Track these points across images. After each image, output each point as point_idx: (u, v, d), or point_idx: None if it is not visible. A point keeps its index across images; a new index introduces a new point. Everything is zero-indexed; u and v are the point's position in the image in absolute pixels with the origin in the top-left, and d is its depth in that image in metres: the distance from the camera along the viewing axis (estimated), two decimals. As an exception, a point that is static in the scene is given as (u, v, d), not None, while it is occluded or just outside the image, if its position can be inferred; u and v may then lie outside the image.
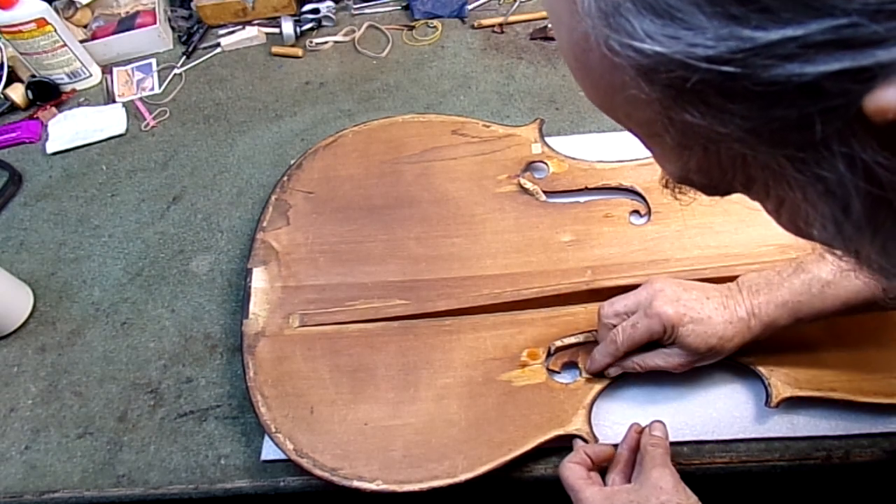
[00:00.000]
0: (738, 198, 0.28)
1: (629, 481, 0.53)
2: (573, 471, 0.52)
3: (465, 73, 0.91)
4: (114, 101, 0.96)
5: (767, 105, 0.20)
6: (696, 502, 0.48)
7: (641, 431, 0.56)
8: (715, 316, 0.53)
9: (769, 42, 0.18)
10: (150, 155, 0.89)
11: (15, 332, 0.73)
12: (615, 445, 0.56)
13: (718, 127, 0.22)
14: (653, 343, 0.56)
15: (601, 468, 0.55)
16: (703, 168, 0.26)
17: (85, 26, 1.03)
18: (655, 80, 0.22)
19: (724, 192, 0.28)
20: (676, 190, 0.32)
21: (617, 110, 0.26)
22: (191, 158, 0.87)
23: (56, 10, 0.95)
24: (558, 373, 0.61)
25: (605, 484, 0.53)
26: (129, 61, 1.01)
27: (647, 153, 0.29)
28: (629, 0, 0.20)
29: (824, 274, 0.51)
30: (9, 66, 0.98)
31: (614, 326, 0.56)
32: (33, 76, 0.96)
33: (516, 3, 0.98)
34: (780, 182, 0.23)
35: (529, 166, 0.74)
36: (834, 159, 0.20)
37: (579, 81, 0.27)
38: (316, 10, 1.00)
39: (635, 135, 0.28)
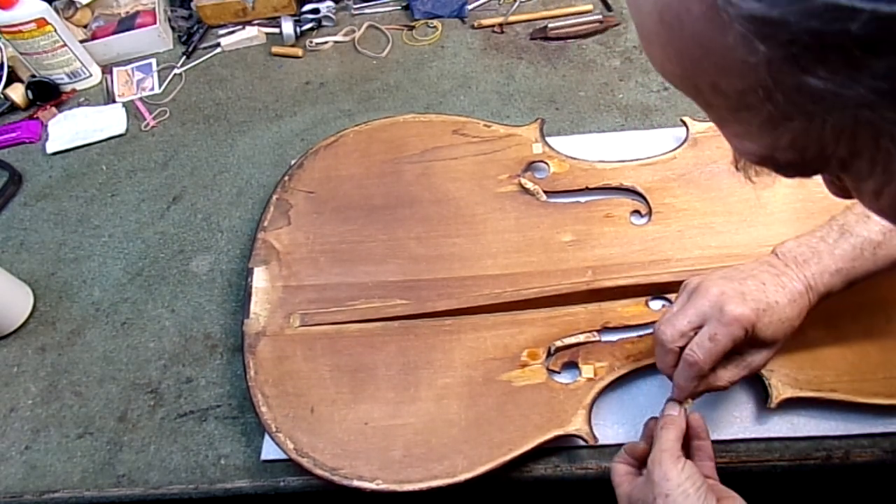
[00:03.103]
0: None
1: None
2: (615, 470, 0.51)
3: (465, 73, 0.91)
4: (114, 101, 0.96)
5: None
6: (698, 486, 0.46)
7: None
8: (780, 300, 0.49)
9: None
10: (150, 155, 0.89)
11: (15, 332, 0.73)
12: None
13: (844, 90, 0.19)
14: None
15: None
16: (799, 144, 0.23)
17: (85, 26, 1.03)
18: (776, 37, 0.19)
19: (813, 172, 0.25)
20: (753, 171, 0.29)
21: (700, 80, 0.23)
22: (191, 158, 0.87)
23: (56, 10, 0.95)
24: (558, 373, 0.61)
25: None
26: (129, 61, 1.01)
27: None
28: None
29: (874, 235, 0.49)
30: (9, 66, 0.98)
31: (681, 348, 0.50)
32: (33, 76, 0.96)
33: (516, 3, 0.98)
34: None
35: (530, 166, 0.74)
36: None
37: (657, 49, 0.24)
38: (316, 10, 1.00)
39: (713, 110, 0.25)
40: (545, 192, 0.71)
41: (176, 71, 0.99)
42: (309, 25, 1.00)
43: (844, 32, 0.18)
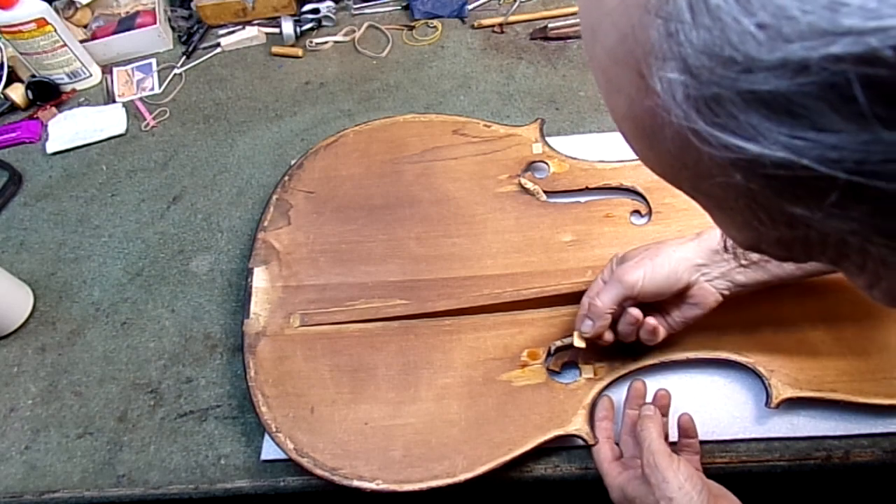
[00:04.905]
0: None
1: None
2: (600, 453, 0.54)
3: (465, 73, 0.91)
4: (114, 101, 0.96)
5: None
6: (699, 489, 0.46)
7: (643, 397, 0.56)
8: (672, 243, 0.54)
9: None
10: (150, 155, 0.89)
11: (15, 332, 0.73)
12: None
13: (829, 221, 0.19)
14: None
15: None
16: (784, 243, 0.23)
17: (85, 26, 1.03)
18: (755, 172, 0.18)
19: (803, 262, 0.25)
20: (741, 254, 0.28)
21: (681, 183, 0.23)
22: (191, 158, 0.87)
23: (56, 10, 0.95)
24: (558, 373, 0.61)
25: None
26: (129, 61, 1.01)
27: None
28: (734, 92, 0.17)
29: None
30: (9, 66, 0.98)
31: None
32: (33, 76, 0.96)
33: (516, 3, 0.98)
34: (885, 266, 0.21)
35: (530, 166, 0.74)
36: None
37: (635, 147, 0.23)
38: (316, 10, 1.00)
39: (697, 201, 0.24)
40: (545, 192, 0.71)
41: (176, 71, 0.98)
42: (309, 25, 1.00)
43: (822, 178, 0.17)
